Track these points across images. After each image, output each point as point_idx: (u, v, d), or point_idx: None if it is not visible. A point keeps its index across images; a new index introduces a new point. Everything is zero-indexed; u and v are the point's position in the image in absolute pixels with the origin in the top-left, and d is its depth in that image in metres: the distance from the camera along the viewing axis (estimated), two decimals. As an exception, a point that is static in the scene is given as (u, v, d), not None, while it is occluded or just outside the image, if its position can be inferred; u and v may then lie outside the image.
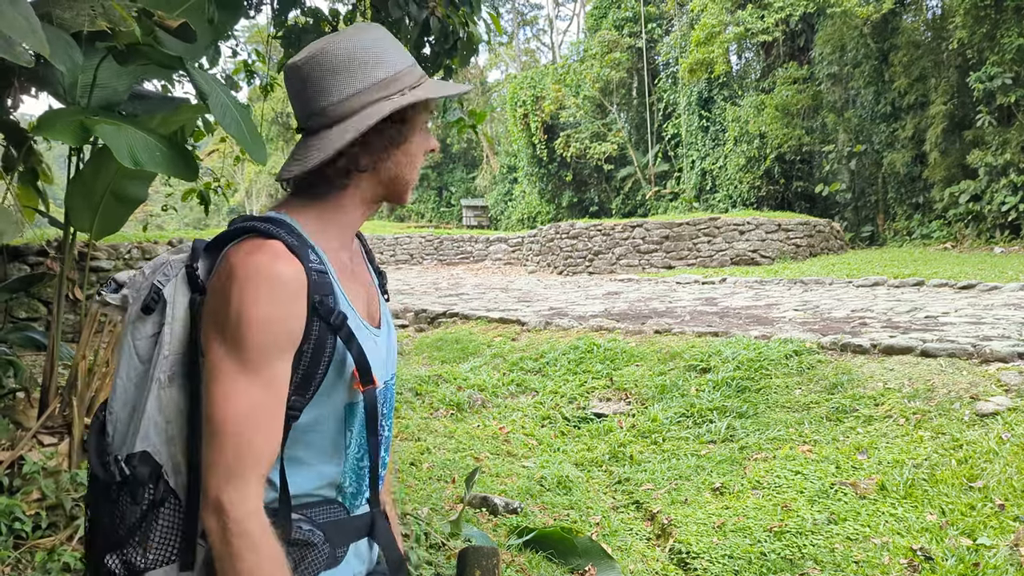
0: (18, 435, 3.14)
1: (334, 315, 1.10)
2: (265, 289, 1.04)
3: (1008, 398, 4.38)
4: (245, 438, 1.03)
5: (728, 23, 19.54)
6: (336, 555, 1.15)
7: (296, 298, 1.07)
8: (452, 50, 4.63)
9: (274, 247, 1.08)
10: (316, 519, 1.14)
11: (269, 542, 1.03)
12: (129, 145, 2.68)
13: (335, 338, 1.11)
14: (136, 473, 1.09)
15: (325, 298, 1.10)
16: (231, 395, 1.04)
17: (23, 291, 5.63)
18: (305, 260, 1.09)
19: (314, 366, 1.10)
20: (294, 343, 1.08)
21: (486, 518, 3.90)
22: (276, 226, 1.11)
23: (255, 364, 1.04)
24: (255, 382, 1.04)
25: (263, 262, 1.05)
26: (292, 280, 1.06)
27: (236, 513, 1.01)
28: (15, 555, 2.55)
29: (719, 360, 5.96)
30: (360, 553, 1.22)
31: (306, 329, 1.08)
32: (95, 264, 7.46)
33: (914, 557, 3.22)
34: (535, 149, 25.95)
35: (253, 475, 1.04)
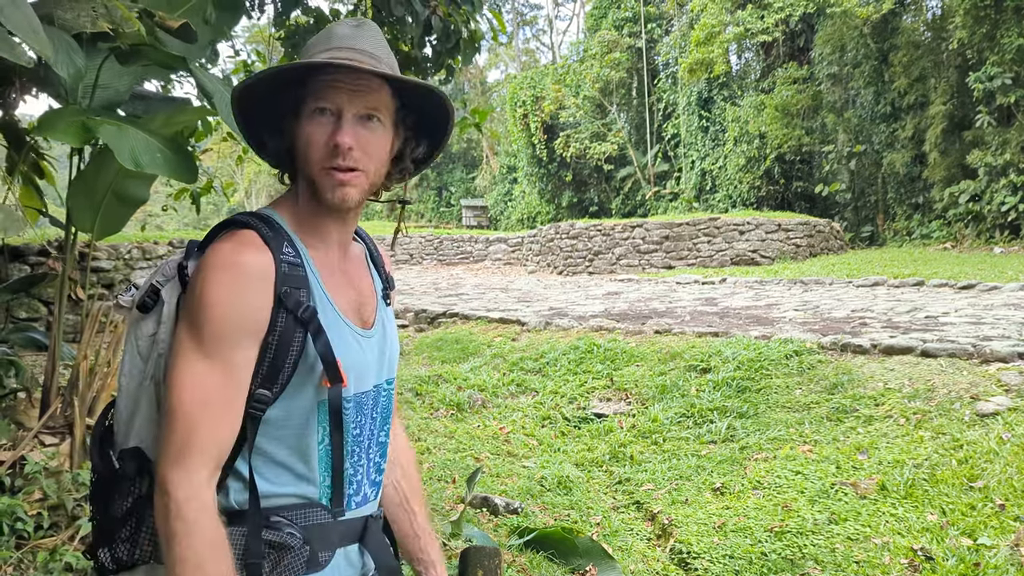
0: (20, 435, 3.14)
1: (302, 308, 1.09)
2: (226, 275, 1.05)
3: (1008, 398, 4.38)
4: (194, 421, 1.03)
5: (728, 23, 19.55)
6: (319, 559, 1.12)
7: (258, 286, 1.06)
8: (454, 49, 4.63)
9: (244, 236, 1.09)
10: (296, 521, 1.11)
11: (207, 526, 1.01)
12: (131, 146, 2.68)
13: (304, 332, 1.09)
14: (124, 467, 1.12)
15: (294, 290, 1.09)
16: (186, 377, 1.04)
17: (24, 291, 5.63)
18: (277, 251, 1.09)
19: (280, 359, 1.08)
20: (255, 332, 1.07)
21: (487, 518, 3.90)
22: (257, 219, 1.12)
23: (211, 348, 1.04)
24: (211, 367, 1.04)
25: (228, 249, 1.07)
26: (255, 267, 1.06)
27: (177, 495, 1.01)
28: (17, 555, 2.55)
29: (719, 360, 5.96)
30: (351, 559, 1.19)
31: (272, 320, 1.07)
32: (95, 264, 7.46)
33: (915, 557, 3.22)
34: (535, 149, 25.95)
35: (199, 459, 1.02)
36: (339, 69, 1.10)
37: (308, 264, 1.14)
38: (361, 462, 1.20)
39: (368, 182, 1.15)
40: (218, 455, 1.05)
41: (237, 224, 1.11)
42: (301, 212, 1.17)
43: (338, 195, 1.12)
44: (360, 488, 1.21)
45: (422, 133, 1.24)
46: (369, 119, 1.13)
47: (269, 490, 1.11)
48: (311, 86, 1.12)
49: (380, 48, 1.17)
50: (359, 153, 1.12)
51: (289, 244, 1.12)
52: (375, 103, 1.13)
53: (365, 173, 1.14)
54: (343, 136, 1.10)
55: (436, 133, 1.25)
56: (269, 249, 1.08)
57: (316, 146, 1.11)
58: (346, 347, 1.15)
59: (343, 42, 1.13)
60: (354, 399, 1.17)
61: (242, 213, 1.14)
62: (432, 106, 1.21)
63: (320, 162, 1.11)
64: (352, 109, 1.11)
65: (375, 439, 1.24)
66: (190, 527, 1.00)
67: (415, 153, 1.25)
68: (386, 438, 1.27)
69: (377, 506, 1.27)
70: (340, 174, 1.11)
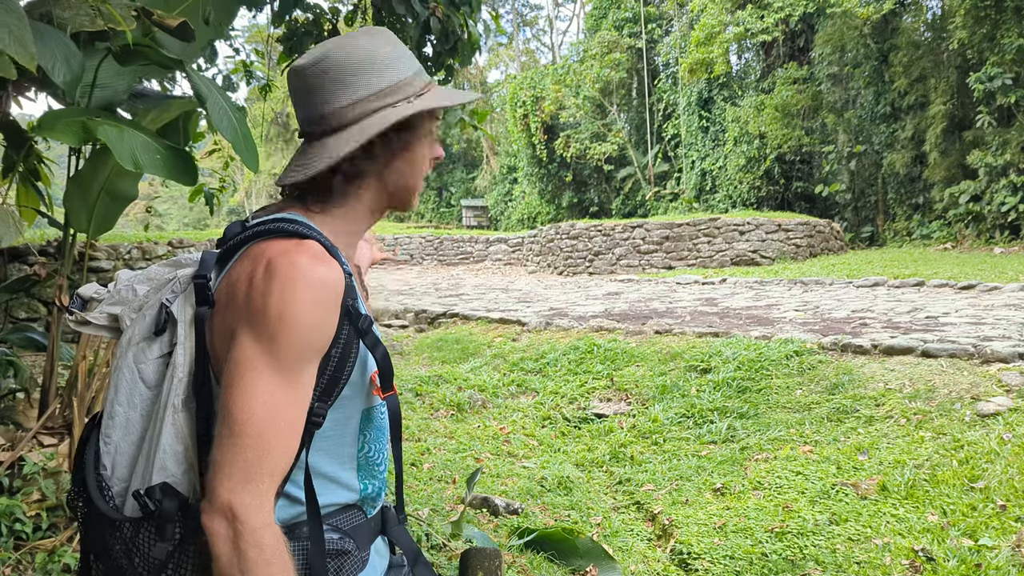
0: (18, 436, 3.14)
1: (362, 319, 1.09)
2: (310, 292, 1.01)
3: (1009, 398, 4.37)
4: (267, 441, 0.98)
5: (728, 23, 19.56)
6: (363, 558, 1.14)
7: (336, 302, 1.04)
8: (453, 50, 4.63)
9: (313, 248, 1.05)
10: (343, 526, 1.12)
11: (283, 554, 0.98)
12: (130, 147, 2.68)
13: (359, 342, 1.09)
14: (163, 507, 1.02)
15: (355, 302, 1.08)
16: (259, 394, 0.99)
17: (23, 292, 5.62)
18: (341, 262, 1.08)
19: (339, 371, 1.07)
20: (325, 347, 1.05)
21: (487, 519, 3.89)
22: (306, 227, 1.09)
23: (288, 367, 1.00)
24: (285, 386, 1.00)
25: (305, 263, 1.02)
26: (334, 283, 1.04)
27: (252, 521, 0.95)
28: (15, 556, 2.54)
29: (720, 360, 5.95)
30: (379, 549, 1.22)
31: (336, 333, 1.06)
32: (95, 264, 7.46)
33: (916, 558, 3.21)
34: (535, 149, 25.95)
35: (269, 482, 0.98)
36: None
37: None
38: (382, 462, 1.23)
39: None
40: (281, 478, 1.01)
41: (283, 233, 1.06)
42: (344, 224, 1.18)
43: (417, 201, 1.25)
44: (382, 487, 1.23)
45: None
46: None
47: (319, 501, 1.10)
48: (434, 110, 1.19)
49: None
50: None
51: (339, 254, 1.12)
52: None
53: None
54: (441, 152, 1.24)
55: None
56: (336, 261, 1.07)
57: (427, 162, 1.22)
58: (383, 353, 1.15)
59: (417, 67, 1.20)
60: (382, 404, 1.19)
61: (281, 219, 1.10)
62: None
63: (424, 175, 1.23)
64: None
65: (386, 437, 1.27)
66: (268, 554, 0.96)
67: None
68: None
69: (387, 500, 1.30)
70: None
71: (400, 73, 1.16)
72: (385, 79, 1.14)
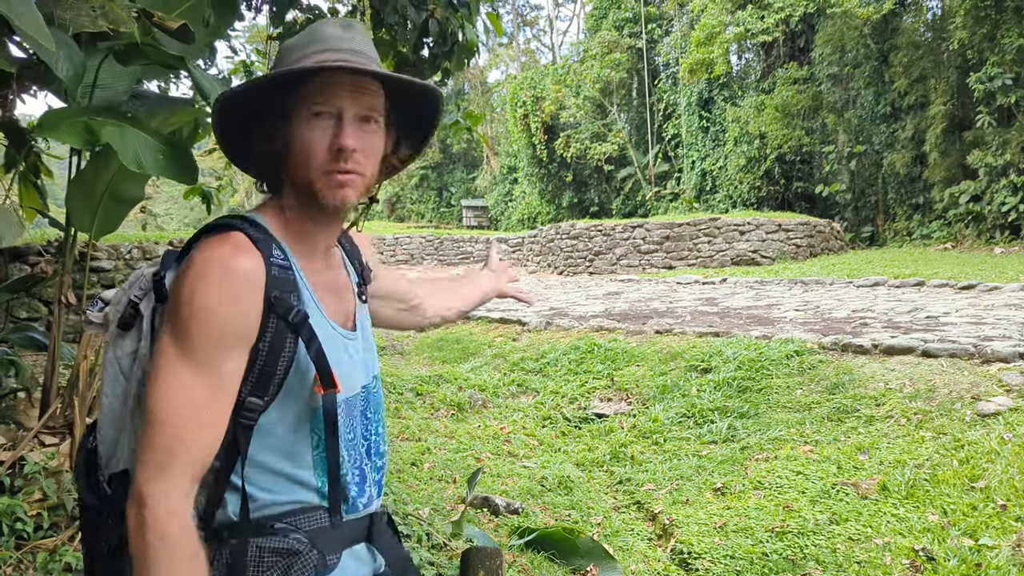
0: (19, 435, 3.14)
1: (293, 312, 1.06)
2: (218, 280, 1.02)
3: (1009, 398, 4.38)
4: (178, 431, 0.99)
5: (728, 23, 19.56)
6: (327, 562, 1.11)
7: (250, 292, 1.03)
8: (450, 52, 4.63)
9: (234, 238, 1.06)
10: (300, 527, 1.10)
11: (187, 542, 0.99)
12: (133, 148, 2.68)
13: (295, 337, 1.07)
14: (115, 493, 1.07)
15: (285, 295, 1.06)
16: (171, 386, 1.00)
17: (24, 291, 5.63)
18: (266, 253, 1.06)
19: (271, 365, 1.06)
20: (246, 339, 1.04)
21: (487, 518, 3.89)
22: (243, 222, 1.10)
23: (200, 356, 1.01)
24: (199, 375, 1.01)
25: (220, 253, 1.03)
26: (248, 272, 1.03)
27: (157, 509, 0.97)
28: (17, 555, 2.54)
29: (720, 360, 5.95)
30: (360, 557, 1.18)
31: (262, 326, 1.05)
32: (95, 264, 7.46)
33: (916, 557, 3.21)
34: (535, 149, 25.95)
35: (181, 471, 0.99)
36: (336, 71, 1.07)
37: (296, 269, 1.12)
38: (359, 464, 1.19)
39: (364, 184, 1.14)
40: (200, 468, 1.02)
41: (222, 227, 1.08)
42: (288, 219, 1.15)
43: (338, 197, 1.10)
44: (364, 490, 1.19)
45: (407, 132, 1.23)
46: (367, 121, 1.12)
47: (268, 499, 1.09)
48: (307, 89, 1.09)
49: (371, 48, 1.15)
50: (360, 155, 1.10)
51: (277, 247, 1.10)
52: (373, 104, 1.12)
53: (363, 175, 1.12)
54: (347, 139, 1.08)
55: (420, 131, 1.24)
56: (259, 252, 1.06)
57: (317, 150, 1.08)
58: (337, 352, 1.13)
59: (335, 43, 1.11)
60: (345, 403, 1.15)
61: (226, 216, 1.12)
62: (419, 105, 1.19)
63: (322, 166, 1.09)
64: (352, 111, 1.09)
65: (371, 439, 1.23)
66: (169, 542, 0.97)
67: (400, 152, 1.24)
68: (379, 435, 1.26)
69: (380, 503, 1.26)
70: (340, 176, 1.09)
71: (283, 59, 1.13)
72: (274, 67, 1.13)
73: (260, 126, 1.14)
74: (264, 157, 1.16)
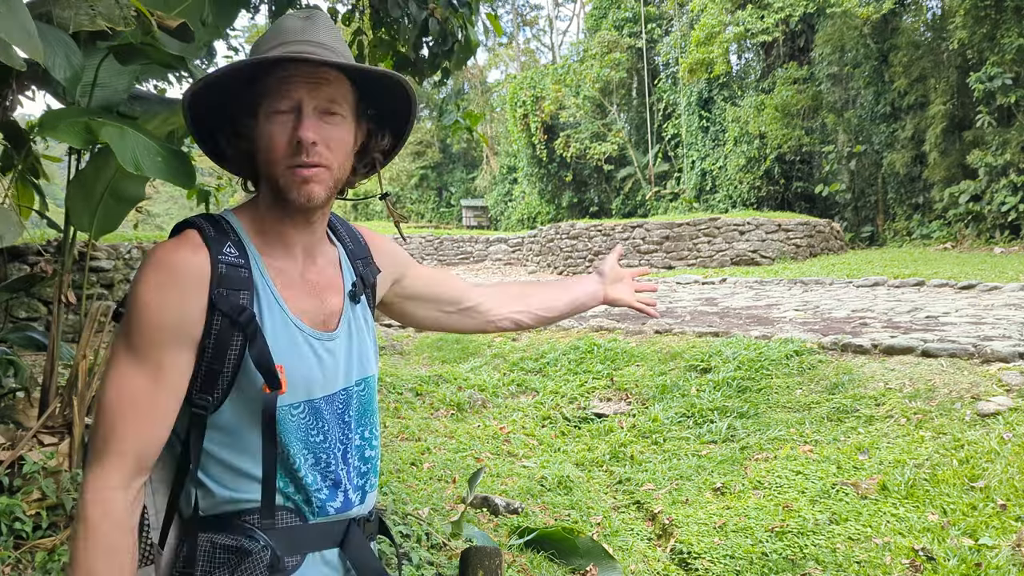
0: (18, 435, 3.14)
1: (239, 311, 1.05)
2: (157, 275, 1.03)
3: (1009, 398, 4.37)
4: (114, 422, 1.01)
5: (728, 23, 19.55)
6: (283, 564, 1.08)
7: (190, 287, 1.03)
8: (450, 52, 4.63)
9: (184, 236, 1.07)
10: (259, 525, 1.08)
11: (106, 532, 0.99)
12: (132, 149, 2.68)
13: (244, 336, 1.05)
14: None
15: (232, 292, 1.05)
16: (113, 377, 1.03)
17: (23, 291, 5.63)
18: (216, 251, 1.06)
19: (217, 363, 1.05)
20: (187, 334, 1.04)
21: (487, 518, 3.89)
22: (206, 219, 1.10)
23: (140, 351, 1.03)
24: (137, 368, 1.03)
25: (162, 251, 1.05)
26: (187, 269, 1.04)
27: (86, 495, 1.00)
28: (15, 555, 2.54)
29: (720, 360, 5.95)
30: (329, 562, 1.15)
31: (207, 323, 1.04)
32: (95, 264, 7.45)
33: (916, 557, 3.21)
34: (535, 149, 25.95)
35: (114, 461, 1.01)
36: (294, 63, 1.05)
37: (257, 267, 1.10)
38: (332, 468, 1.14)
39: (333, 178, 1.10)
40: (139, 458, 1.03)
41: (184, 225, 1.10)
42: (263, 218, 1.13)
43: (303, 193, 1.07)
44: (337, 493, 1.15)
45: (385, 124, 1.20)
46: (330, 112, 1.09)
47: (228, 495, 1.08)
48: (266, 84, 1.07)
49: (334, 39, 1.12)
50: (322, 148, 1.07)
51: (235, 245, 1.09)
52: (334, 95, 1.09)
53: (329, 169, 1.09)
54: (305, 131, 1.05)
55: (399, 122, 1.21)
56: (207, 249, 1.05)
57: (278, 145, 1.06)
58: (297, 353, 1.10)
59: (294, 35, 1.09)
60: (308, 405, 1.11)
61: (198, 215, 1.13)
62: (393, 95, 1.17)
63: (283, 161, 1.07)
64: (311, 103, 1.07)
65: (351, 442, 1.18)
66: (88, 530, 0.99)
67: (381, 145, 1.21)
68: (365, 439, 1.21)
69: (368, 509, 1.21)
70: (304, 171, 1.07)
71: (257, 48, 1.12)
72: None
73: (230, 126, 1.12)
74: (236, 156, 1.14)
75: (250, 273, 1.09)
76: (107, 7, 2.81)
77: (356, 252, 1.28)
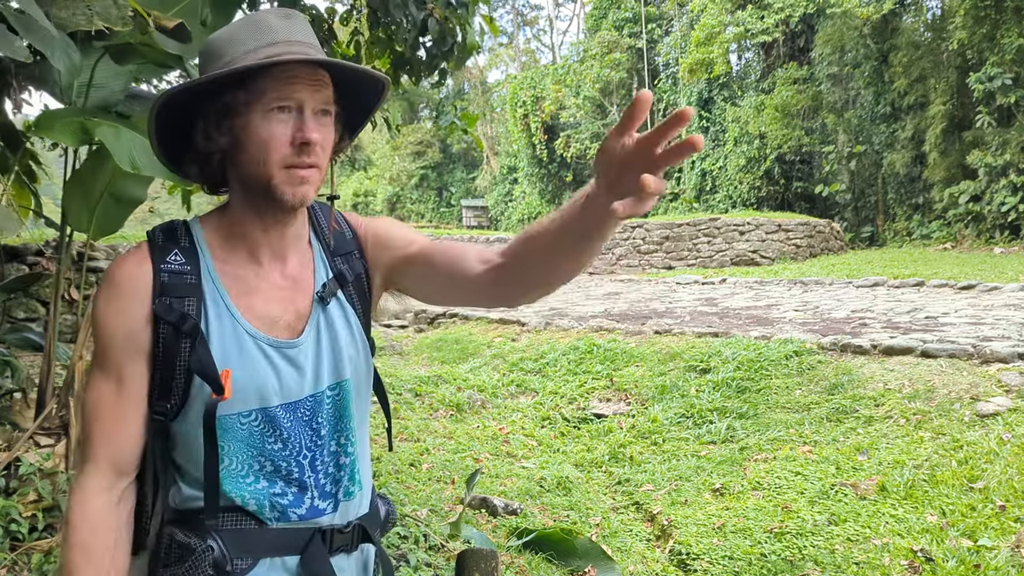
0: (15, 436, 3.13)
1: (182, 320, 1.06)
2: (103, 289, 1.09)
3: (1008, 399, 4.37)
4: (89, 429, 1.09)
5: (728, 24, 19.54)
6: (232, 566, 1.08)
7: (130, 300, 1.07)
8: (449, 52, 4.62)
9: (134, 249, 1.11)
10: (217, 525, 1.09)
11: (83, 534, 1.05)
12: (128, 148, 2.67)
13: (192, 343, 1.05)
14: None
15: (176, 300, 1.06)
16: (88, 387, 1.10)
17: (21, 291, 5.62)
18: (159, 261, 1.08)
19: (168, 371, 1.06)
20: (138, 345, 1.07)
21: (485, 519, 3.88)
22: (165, 229, 1.12)
23: (104, 362, 1.09)
24: (104, 378, 1.09)
25: (114, 265, 1.10)
26: (129, 281, 1.07)
27: (69, 499, 1.08)
28: (11, 557, 2.53)
29: (719, 360, 5.94)
30: (290, 568, 1.12)
31: (154, 333, 1.07)
32: (94, 264, 7.45)
33: (915, 558, 3.20)
34: (535, 149, 25.95)
35: (91, 467, 1.08)
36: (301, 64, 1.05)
37: (207, 272, 1.09)
38: (294, 475, 1.12)
39: (321, 178, 1.11)
40: (113, 463, 1.08)
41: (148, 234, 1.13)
42: (231, 222, 1.13)
43: (299, 193, 1.07)
44: (301, 500, 1.13)
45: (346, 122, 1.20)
46: (324, 114, 1.09)
47: (189, 494, 1.11)
48: (264, 83, 1.04)
49: (314, 39, 1.12)
50: (319, 149, 1.08)
51: (183, 252, 1.09)
52: (328, 97, 1.10)
53: (320, 169, 1.09)
54: (311, 132, 1.05)
55: (355, 120, 1.21)
56: (151, 260, 1.08)
57: (278, 144, 1.05)
58: (247, 360, 1.08)
59: (280, 35, 1.07)
60: (261, 413, 1.09)
61: (161, 224, 1.14)
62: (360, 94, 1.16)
63: (283, 160, 1.05)
64: (312, 104, 1.07)
65: (323, 449, 1.15)
66: (69, 532, 1.06)
67: (342, 143, 1.20)
68: (341, 446, 1.18)
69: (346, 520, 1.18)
70: (302, 171, 1.06)
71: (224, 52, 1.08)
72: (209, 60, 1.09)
73: (205, 122, 1.09)
74: (208, 155, 1.11)
75: (198, 279, 1.09)
76: (104, 7, 2.80)
77: (339, 248, 1.22)
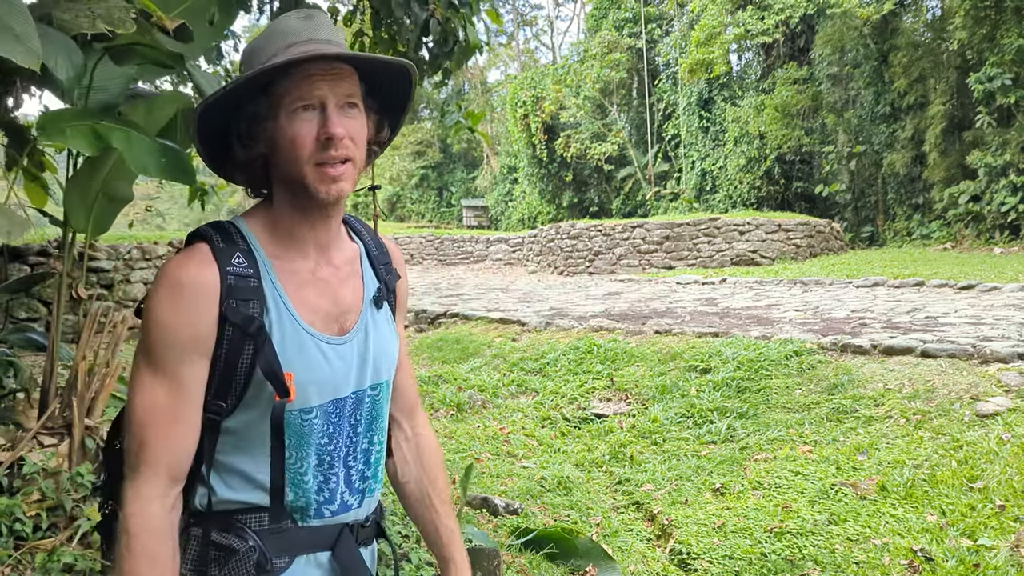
0: (18, 436, 3.14)
1: (249, 322, 1.07)
2: (168, 292, 1.07)
3: (1008, 399, 4.38)
4: (142, 435, 1.06)
5: (728, 24, 19.55)
6: (272, 565, 1.10)
7: (200, 302, 1.06)
8: (451, 52, 4.62)
9: (193, 250, 1.09)
10: (250, 525, 1.11)
11: (147, 542, 1.03)
12: (142, 153, 2.69)
13: (254, 345, 1.08)
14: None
15: (243, 303, 1.08)
16: (136, 391, 1.07)
17: (23, 291, 5.63)
18: (224, 263, 1.08)
19: (229, 371, 1.08)
20: (202, 347, 1.07)
21: (486, 519, 3.89)
22: (218, 230, 1.12)
23: (158, 364, 1.06)
24: (158, 382, 1.06)
25: (173, 266, 1.08)
26: (197, 284, 1.06)
27: (126, 508, 1.04)
28: (15, 556, 2.54)
29: (719, 360, 5.95)
30: (322, 565, 1.16)
31: (219, 334, 1.07)
32: (95, 264, 7.46)
33: (915, 558, 3.22)
34: (535, 149, 25.93)
35: (147, 472, 1.05)
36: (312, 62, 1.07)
37: (267, 274, 1.12)
38: (335, 471, 1.16)
39: (356, 172, 1.13)
40: (170, 468, 1.07)
41: (194, 236, 1.12)
42: (276, 219, 1.15)
43: (333, 190, 1.09)
44: (335, 496, 1.17)
45: (384, 115, 1.22)
46: (350, 107, 1.11)
47: (228, 495, 1.12)
48: (284, 85, 1.08)
49: (337, 34, 1.14)
50: (349, 142, 1.09)
51: (244, 255, 1.10)
52: (351, 89, 1.11)
53: (354, 162, 1.11)
54: (335, 127, 1.07)
55: (394, 112, 1.23)
56: (216, 262, 1.08)
57: (305, 142, 1.07)
58: (306, 358, 1.11)
59: (301, 35, 1.10)
60: (319, 409, 1.13)
61: (209, 223, 1.14)
62: (393, 87, 1.18)
63: (311, 158, 1.08)
64: (334, 99, 1.09)
65: (357, 446, 1.19)
66: (131, 541, 1.03)
67: (380, 137, 1.22)
68: (372, 444, 1.22)
69: (366, 514, 1.22)
70: (332, 168, 1.08)
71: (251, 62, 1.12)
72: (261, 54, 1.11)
73: (239, 130, 1.13)
74: (249, 161, 1.14)
75: (260, 282, 1.10)
76: (106, 9, 2.80)
77: (379, 257, 1.29)
